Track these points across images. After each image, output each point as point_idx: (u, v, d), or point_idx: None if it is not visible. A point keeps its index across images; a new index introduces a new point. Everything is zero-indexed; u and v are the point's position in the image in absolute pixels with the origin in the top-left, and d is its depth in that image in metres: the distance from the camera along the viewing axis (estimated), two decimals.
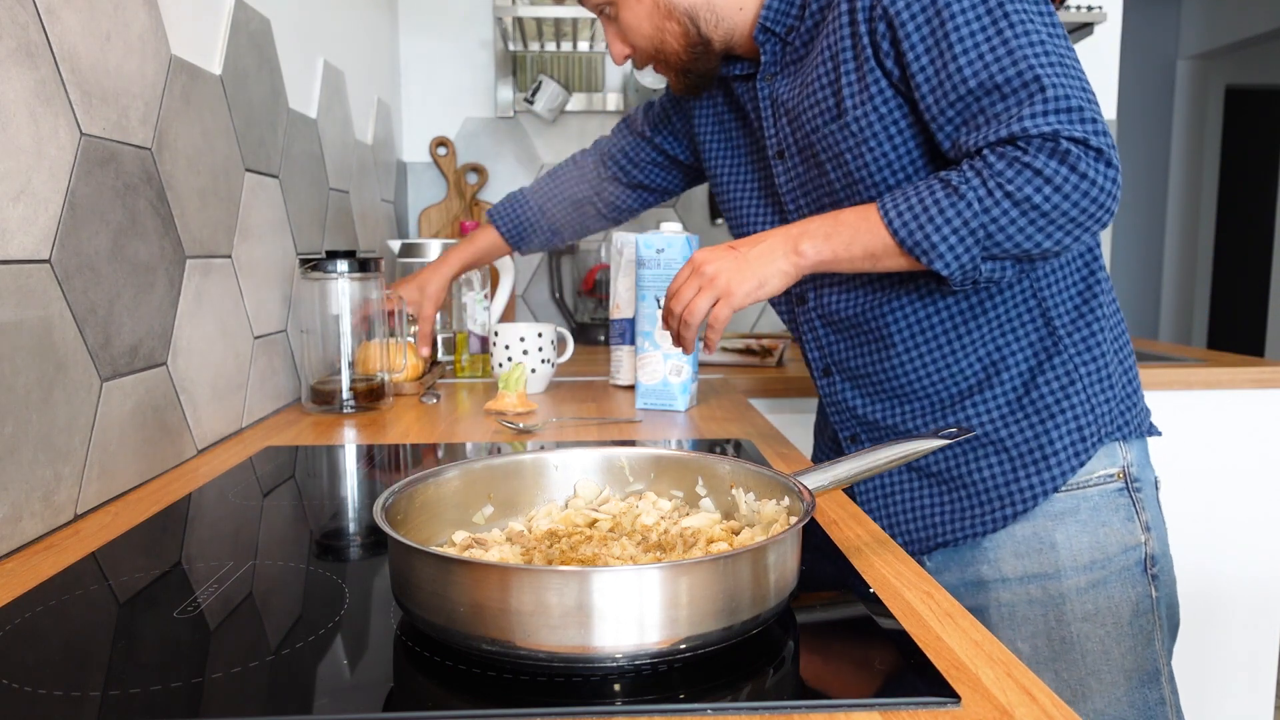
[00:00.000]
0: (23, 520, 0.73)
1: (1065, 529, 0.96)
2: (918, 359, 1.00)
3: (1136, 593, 0.95)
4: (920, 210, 0.86)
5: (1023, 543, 0.97)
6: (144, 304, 0.93)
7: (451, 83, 2.30)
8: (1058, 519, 0.96)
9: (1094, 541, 0.95)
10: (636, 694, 0.49)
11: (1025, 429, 0.96)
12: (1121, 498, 0.96)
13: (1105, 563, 0.95)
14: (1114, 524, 0.95)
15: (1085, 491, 0.96)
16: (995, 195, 0.83)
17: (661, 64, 1.06)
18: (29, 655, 0.54)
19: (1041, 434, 0.96)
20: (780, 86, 1.03)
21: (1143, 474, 0.98)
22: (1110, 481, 0.96)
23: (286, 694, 0.50)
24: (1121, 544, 0.95)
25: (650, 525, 0.67)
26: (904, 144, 0.94)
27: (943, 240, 0.85)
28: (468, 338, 1.63)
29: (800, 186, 1.05)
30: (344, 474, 1.00)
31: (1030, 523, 0.97)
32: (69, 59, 0.79)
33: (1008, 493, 0.97)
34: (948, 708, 0.48)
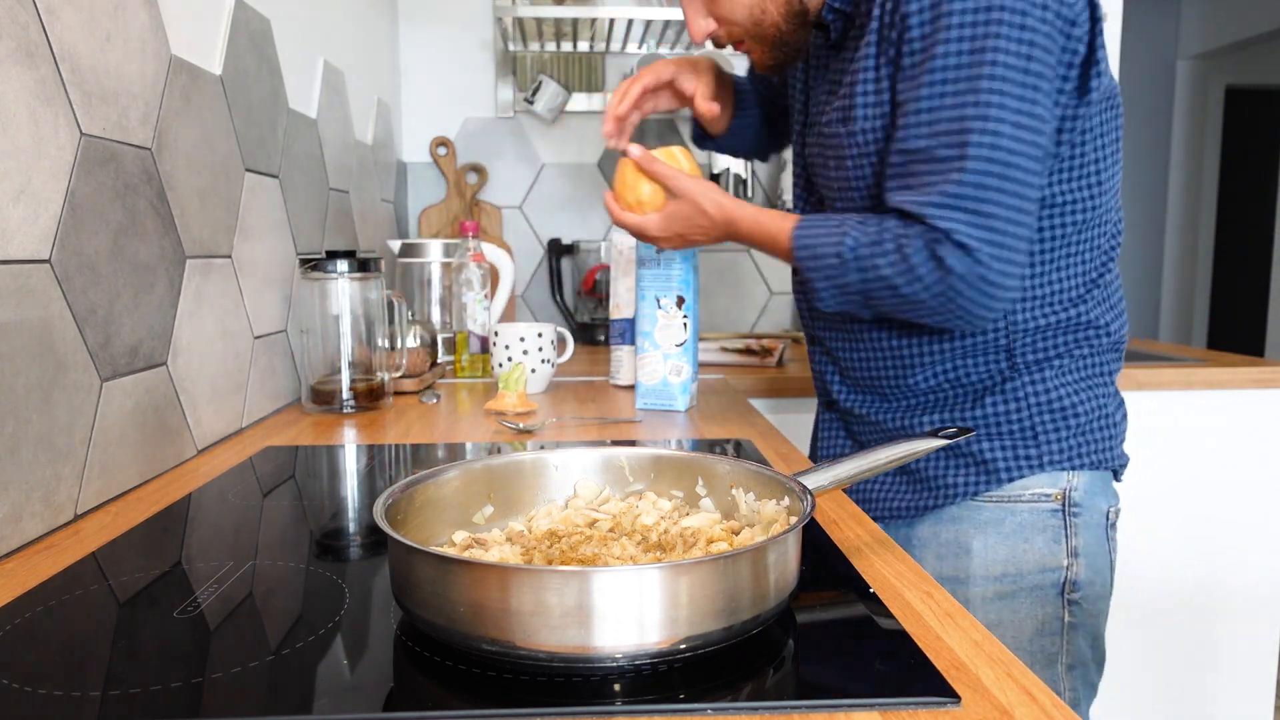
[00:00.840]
0: (23, 520, 0.73)
1: (985, 538, 0.97)
2: (886, 362, 1.03)
3: (1045, 613, 0.96)
4: (812, 256, 0.94)
5: (945, 545, 1.00)
6: (144, 304, 0.93)
7: (451, 83, 2.30)
8: (981, 527, 0.98)
9: (1010, 555, 0.96)
10: (636, 694, 0.49)
11: (970, 439, 0.98)
12: (1053, 519, 0.96)
13: (1017, 578, 0.96)
14: (1036, 543, 0.96)
15: (1014, 506, 0.97)
16: (869, 275, 0.90)
17: (754, 39, 1.01)
18: (29, 655, 0.54)
19: (983, 441, 0.98)
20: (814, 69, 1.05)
21: (1088, 502, 0.97)
22: (1043, 501, 0.96)
23: (286, 694, 0.50)
24: (1039, 564, 0.96)
25: (650, 525, 0.67)
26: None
27: (826, 289, 0.94)
28: (468, 338, 1.63)
29: (811, 166, 1.06)
30: (344, 474, 1.00)
31: (955, 527, 0.99)
32: (69, 59, 0.79)
33: (936, 486, 1.00)
34: (948, 708, 0.48)
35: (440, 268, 1.83)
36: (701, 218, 1.03)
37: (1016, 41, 0.82)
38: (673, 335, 1.30)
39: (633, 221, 1.08)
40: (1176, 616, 1.78)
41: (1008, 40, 0.82)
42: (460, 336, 1.63)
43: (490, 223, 2.31)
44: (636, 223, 1.07)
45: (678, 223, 1.05)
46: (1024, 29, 0.82)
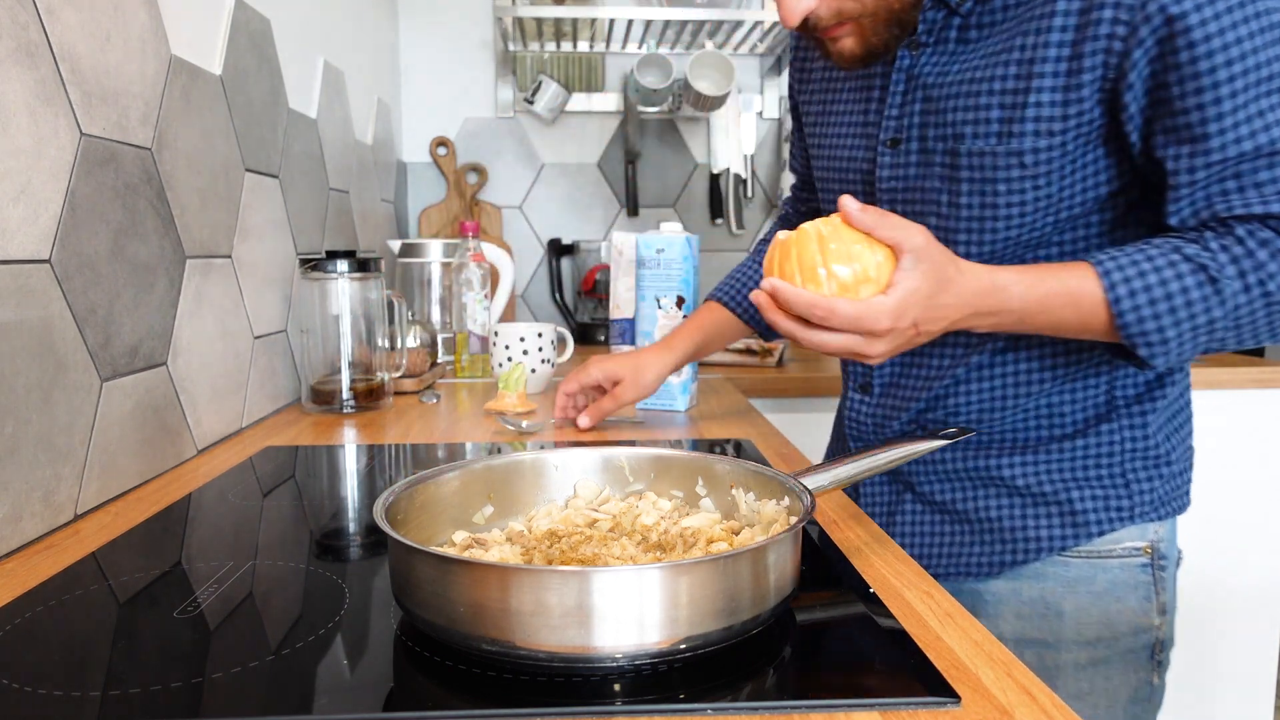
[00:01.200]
0: (23, 520, 0.73)
1: (1076, 598, 0.87)
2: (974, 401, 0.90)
3: (1138, 679, 0.88)
4: (1163, 298, 0.72)
5: (1028, 604, 0.89)
6: (144, 304, 0.93)
7: (451, 83, 2.30)
8: (1070, 586, 0.87)
9: (1104, 617, 0.87)
10: (636, 694, 0.49)
11: (1055, 481, 0.88)
12: (1144, 575, 0.87)
13: (1112, 642, 0.87)
14: (1130, 602, 0.87)
15: (1105, 562, 0.87)
16: (1253, 292, 0.71)
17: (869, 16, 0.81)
18: (29, 655, 0.54)
19: (1072, 489, 0.88)
20: (927, 64, 0.84)
21: (1169, 551, 0.90)
22: (1135, 555, 0.87)
23: (286, 694, 0.50)
24: (1133, 625, 0.87)
25: (650, 525, 0.67)
26: (1081, 191, 0.80)
27: (1177, 336, 0.73)
28: (468, 338, 1.63)
29: (908, 189, 0.87)
30: (344, 474, 1.00)
31: (1039, 584, 0.89)
32: (69, 59, 0.79)
33: (1013, 537, 0.89)
34: (948, 708, 0.48)
35: (440, 268, 1.83)
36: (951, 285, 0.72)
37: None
38: None
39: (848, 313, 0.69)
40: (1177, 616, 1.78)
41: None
42: (460, 336, 1.63)
43: (490, 223, 2.31)
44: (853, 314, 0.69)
45: (917, 304, 0.71)
46: None
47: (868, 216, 0.70)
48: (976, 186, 0.81)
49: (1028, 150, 0.78)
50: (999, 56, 0.79)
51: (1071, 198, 0.80)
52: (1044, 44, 0.76)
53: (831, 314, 0.69)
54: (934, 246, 0.71)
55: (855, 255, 0.70)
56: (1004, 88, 0.78)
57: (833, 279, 0.70)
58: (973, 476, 0.91)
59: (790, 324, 0.72)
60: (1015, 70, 0.77)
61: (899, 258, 0.70)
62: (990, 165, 0.80)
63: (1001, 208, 0.81)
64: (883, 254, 0.71)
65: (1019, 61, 0.77)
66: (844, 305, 0.69)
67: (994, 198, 0.81)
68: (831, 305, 0.69)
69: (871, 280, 0.71)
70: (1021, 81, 0.77)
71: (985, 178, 0.81)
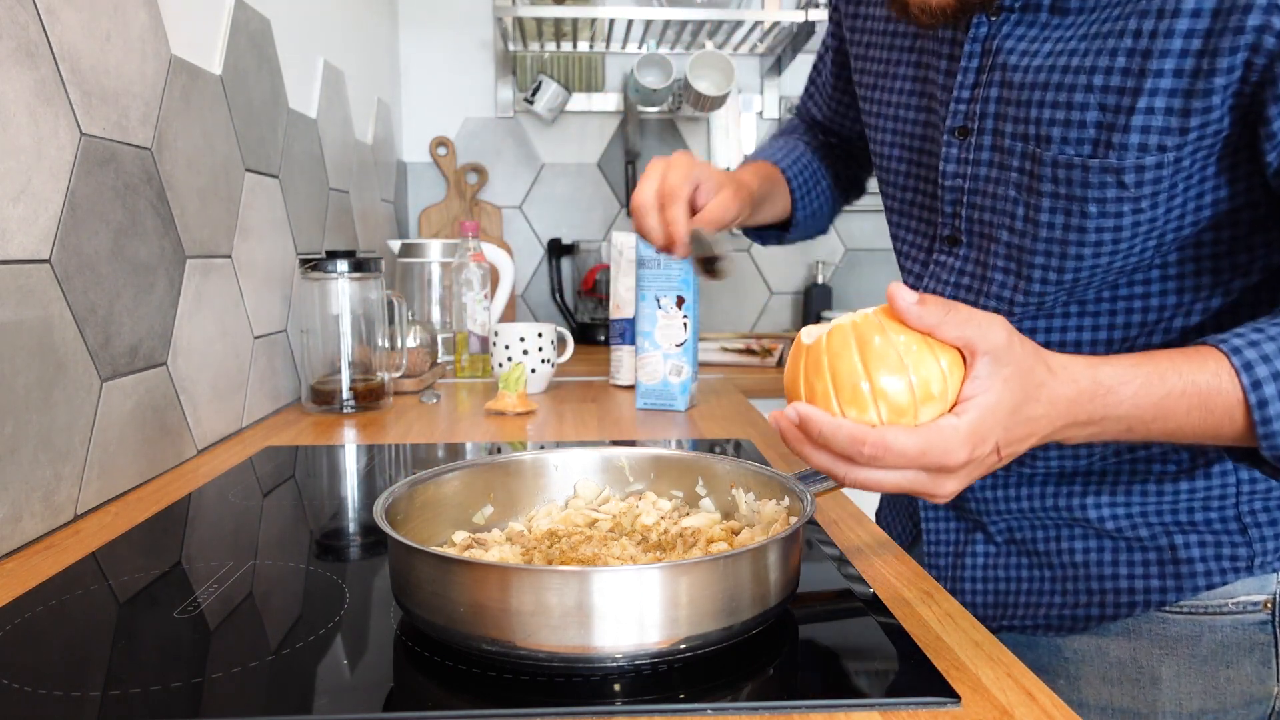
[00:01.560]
0: (23, 520, 0.73)
1: (1176, 662, 0.73)
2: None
3: None
4: None
5: (1116, 666, 0.75)
6: (144, 304, 0.93)
7: (451, 83, 2.30)
8: (1169, 647, 0.73)
9: (1210, 686, 0.73)
10: (636, 694, 0.49)
11: (1154, 525, 0.73)
12: (1262, 634, 0.72)
13: (1219, 715, 0.73)
14: (1243, 667, 0.72)
15: (1214, 619, 0.72)
16: None
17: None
18: (29, 655, 0.54)
19: (1175, 534, 0.73)
20: (1010, 38, 0.68)
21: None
22: (1252, 612, 0.72)
23: (286, 694, 0.50)
24: (1245, 694, 0.72)
25: (650, 525, 0.67)
26: (1194, 211, 0.64)
27: None
28: (468, 338, 1.63)
29: (976, 191, 0.73)
30: (344, 474, 1.00)
31: (1131, 642, 0.74)
32: (69, 59, 0.79)
33: (1102, 587, 0.75)
34: (948, 708, 0.48)
35: (440, 268, 1.82)
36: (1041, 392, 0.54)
37: None
38: (673, 335, 1.30)
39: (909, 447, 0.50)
40: None
41: None
42: (460, 336, 1.63)
43: (490, 223, 2.31)
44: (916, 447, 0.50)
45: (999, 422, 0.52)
46: None
47: (929, 313, 0.52)
48: (1061, 204, 0.66)
49: (1129, 168, 0.62)
50: (1104, 41, 0.62)
51: (1180, 219, 0.64)
52: (1167, 31, 0.59)
53: (885, 450, 0.50)
54: (1017, 343, 0.53)
55: (911, 362, 0.52)
56: (1107, 84, 0.62)
57: (881, 399, 0.52)
58: (1055, 517, 0.77)
59: (828, 459, 0.53)
60: (1124, 62, 0.61)
61: (972, 361, 0.52)
62: (1080, 181, 0.64)
63: (1091, 231, 0.66)
64: (948, 357, 0.53)
65: (1130, 51, 0.60)
66: (901, 438, 0.50)
67: (1082, 219, 0.65)
68: (884, 439, 0.50)
69: (935, 397, 0.52)
70: (1130, 79, 0.61)
71: (1073, 195, 0.65)
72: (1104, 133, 0.63)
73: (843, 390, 0.53)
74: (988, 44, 0.70)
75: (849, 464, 0.53)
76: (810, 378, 0.55)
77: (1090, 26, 0.64)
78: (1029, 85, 0.67)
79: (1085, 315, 0.72)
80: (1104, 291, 0.70)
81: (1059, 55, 0.65)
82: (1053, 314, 0.73)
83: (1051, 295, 0.71)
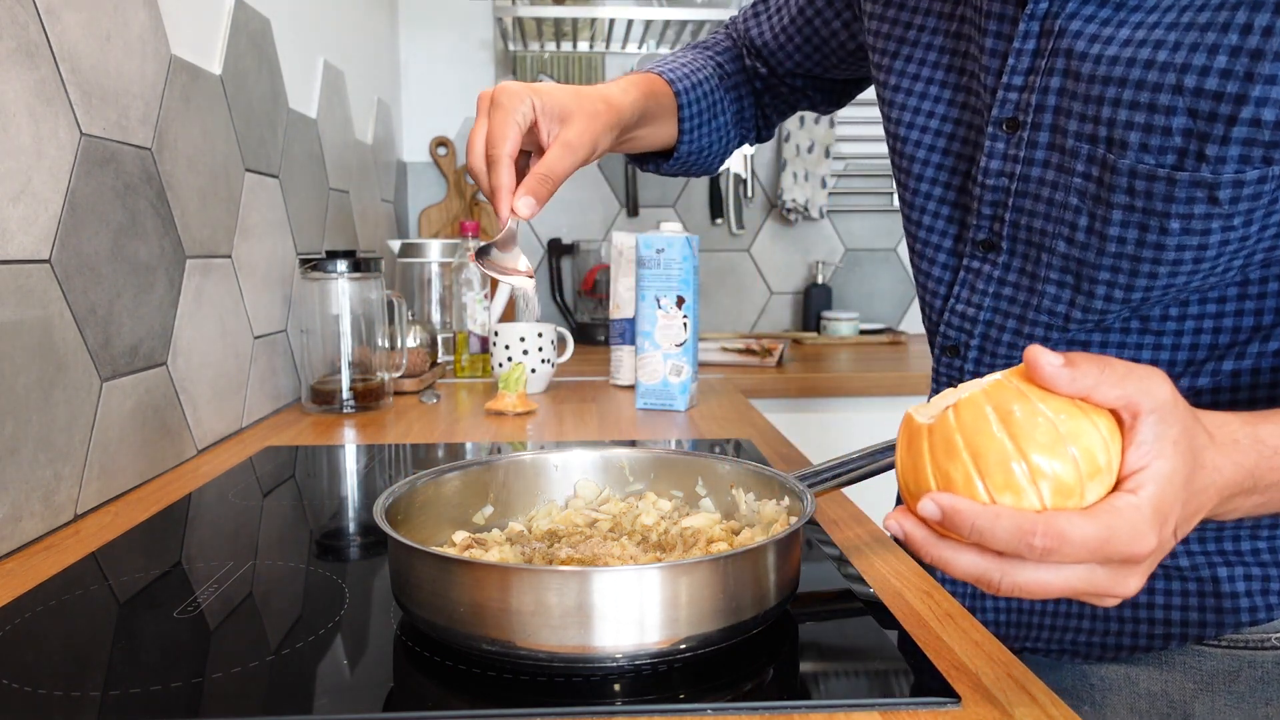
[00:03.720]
0: (23, 520, 0.73)
1: (1212, 700, 0.67)
2: None
3: None
4: None
5: (1146, 698, 0.70)
6: (144, 304, 0.93)
7: (451, 83, 2.30)
8: (1204, 682, 0.67)
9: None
10: (636, 694, 0.49)
11: (1195, 555, 0.68)
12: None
13: None
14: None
15: (1255, 655, 0.66)
16: None
17: None
18: (29, 655, 0.54)
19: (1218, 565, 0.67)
20: (1078, 21, 0.59)
21: None
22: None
23: (286, 694, 0.50)
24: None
25: (650, 525, 0.67)
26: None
27: None
28: (468, 338, 1.63)
29: (1024, 194, 0.64)
30: (344, 474, 1.00)
31: (1163, 674, 0.69)
32: (69, 59, 0.79)
33: (1135, 615, 0.69)
34: (948, 708, 0.48)
35: (440, 268, 1.83)
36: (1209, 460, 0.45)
37: None
38: (673, 335, 1.30)
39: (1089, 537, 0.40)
40: None
41: None
42: (460, 336, 1.64)
43: (490, 223, 2.31)
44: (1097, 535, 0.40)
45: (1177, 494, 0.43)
46: None
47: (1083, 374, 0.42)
48: (1137, 217, 0.57)
49: (1226, 184, 0.53)
50: (1201, 35, 0.53)
51: (1277, 236, 0.56)
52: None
53: (1062, 541, 0.40)
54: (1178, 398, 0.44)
55: (1069, 433, 0.42)
56: (1201, 86, 0.52)
57: (1042, 479, 0.42)
58: None
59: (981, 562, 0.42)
60: (1225, 62, 0.51)
61: (1134, 424, 0.43)
62: (1163, 195, 0.55)
63: (1170, 250, 0.57)
64: (1105, 422, 0.43)
65: (1235, 50, 0.51)
66: (1079, 523, 0.40)
67: (1161, 236, 0.57)
68: (1059, 528, 0.40)
69: (1101, 470, 0.42)
70: (1233, 83, 0.51)
71: (1152, 209, 0.56)
72: (1195, 142, 0.53)
73: (991, 474, 0.42)
74: (1048, 24, 0.60)
75: (1013, 563, 0.42)
76: (942, 463, 0.43)
77: (1181, 14, 0.54)
78: (1101, 79, 0.57)
79: (1148, 333, 0.64)
80: (1171, 309, 0.62)
81: (1140, 46, 0.55)
82: (1110, 328, 0.65)
83: (1115, 313, 0.62)
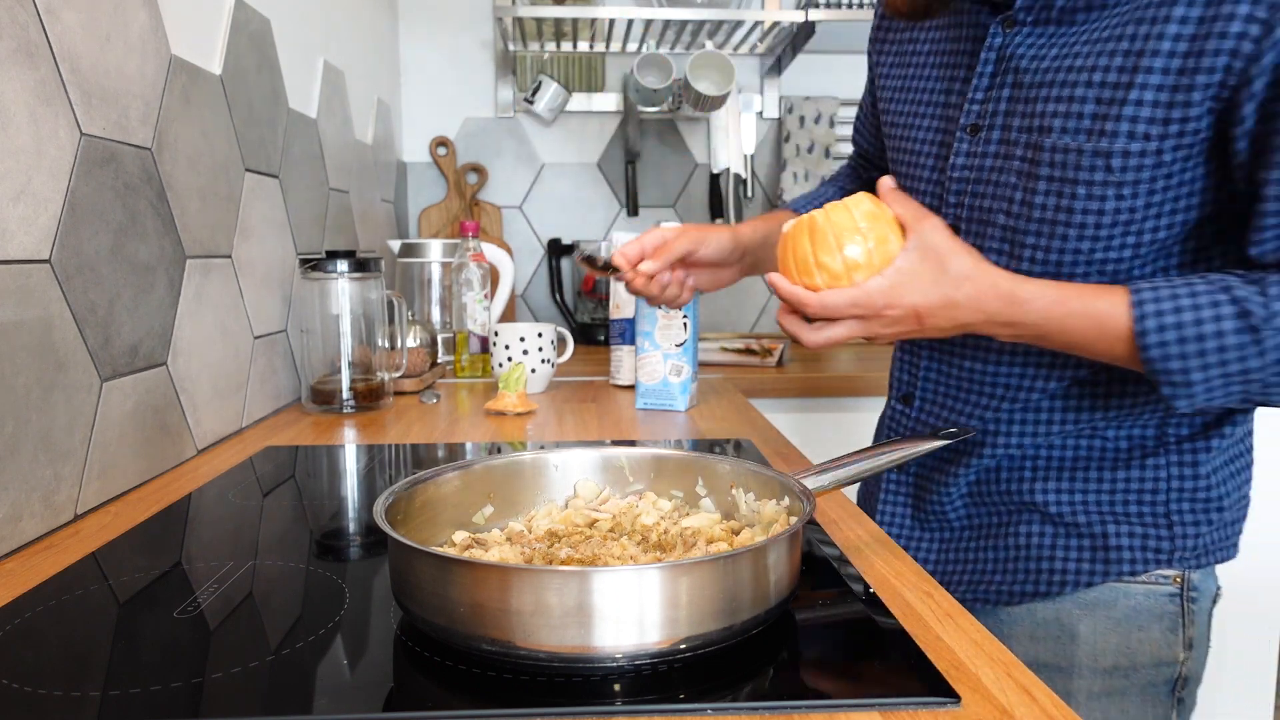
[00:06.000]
0: (23, 520, 0.73)
1: (1093, 621, 0.82)
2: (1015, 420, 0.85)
3: (1155, 715, 0.82)
4: (1194, 338, 0.68)
5: (1042, 625, 0.84)
6: (144, 304, 0.93)
7: (451, 83, 2.30)
8: (1088, 608, 0.82)
9: (1122, 644, 0.81)
10: (636, 694, 0.49)
11: (1091, 512, 0.83)
12: (1171, 605, 0.81)
13: (1129, 672, 0.82)
14: (1153, 631, 0.81)
15: (1129, 586, 0.81)
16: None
17: None
18: (29, 655, 0.54)
19: (1109, 523, 0.82)
20: (1022, 45, 0.78)
21: (1203, 584, 0.83)
22: (1163, 584, 0.81)
23: (286, 694, 0.50)
24: (1154, 656, 0.81)
25: (650, 525, 0.67)
26: (1169, 213, 0.73)
27: (1204, 381, 0.69)
28: (468, 338, 1.63)
29: (980, 180, 0.81)
30: (344, 474, 1.00)
31: (1055, 605, 0.83)
32: (69, 59, 0.79)
33: (1038, 568, 0.84)
34: (948, 708, 0.48)
35: (440, 268, 1.83)
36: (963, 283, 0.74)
37: None
38: (673, 335, 1.30)
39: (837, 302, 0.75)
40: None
41: None
42: (460, 336, 1.64)
43: (490, 223, 2.31)
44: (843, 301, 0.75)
45: (916, 288, 0.74)
46: None
47: (893, 196, 0.76)
48: (1055, 186, 0.75)
49: (1117, 153, 0.71)
50: (1104, 45, 0.72)
51: (1157, 218, 0.73)
52: (1158, 35, 0.68)
53: (822, 307, 0.75)
54: (944, 235, 0.74)
55: (845, 244, 0.74)
56: (1104, 80, 0.71)
57: (822, 270, 0.75)
58: (1008, 502, 0.86)
59: (792, 322, 0.78)
60: (1120, 62, 0.70)
61: (906, 238, 0.74)
62: (1074, 164, 0.73)
63: (1078, 213, 0.74)
64: (874, 240, 0.74)
65: (1125, 53, 0.70)
66: (835, 295, 0.75)
67: (1071, 200, 0.74)
68: (820, 300, 0.75)
69: (862, 266, 0.73)
70: (1125, 75, 0.70)
71: (1066, 177, 0.74)
72: (1098, 122, 0.72)
73: (799, 266, 0.76)
74: (1002, 52, 0.80)
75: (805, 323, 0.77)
76: (781, 258, 0.77)
77: (1094, 31, 0.73)
78: (1036, 84, 0.76)
79: None
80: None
81: (1064, 59, 0.75)
82: None
83: (1039, 274, 0.78)
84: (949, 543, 0.91)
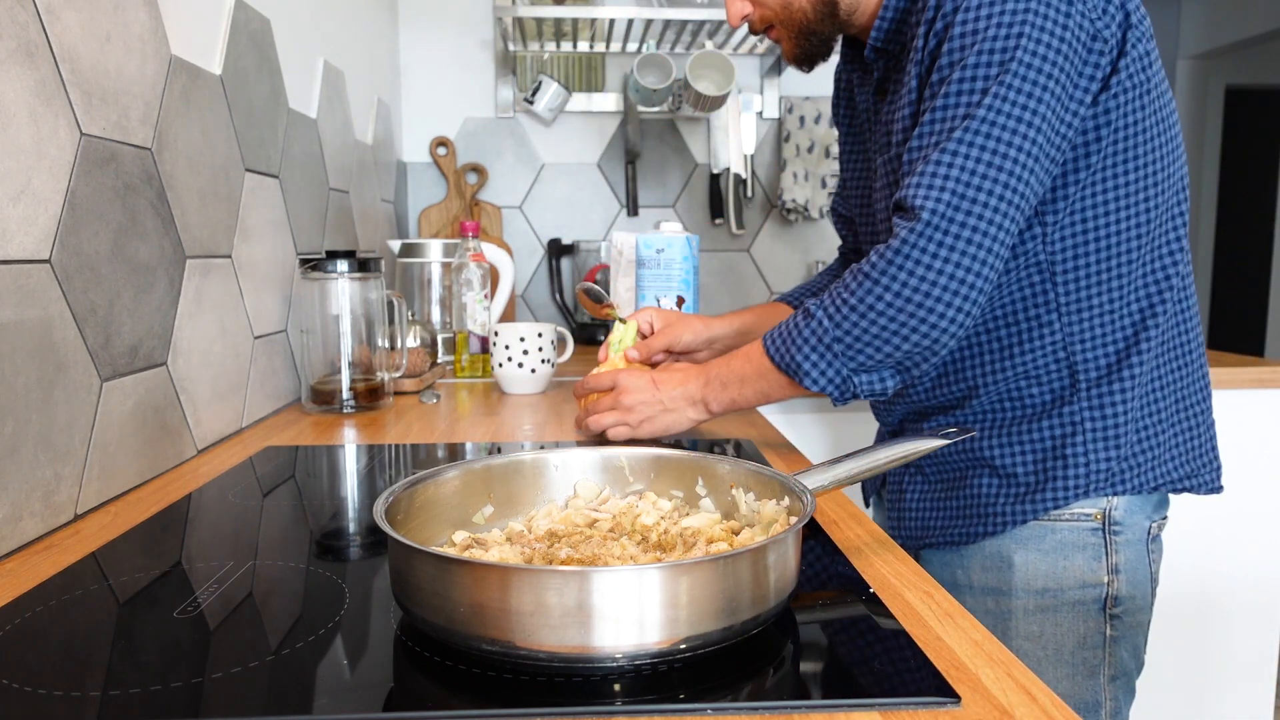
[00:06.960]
0: (23, 520, 0.73)
1: (1025, 553, 0.97)
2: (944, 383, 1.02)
3: (1086, 628, 0.97)
4: (780, 335, 0.95)
5: (989, 557, 1.00)
6: (144, 304, 0.93)
7: (451, 83, 2.30)
8: (1021, 542, 0.98)
9: (1050, 571, 0.97)
10: (636, 694, 0.49)
11: (1025, 462, 0.98)
12: (1093, 538, 0.96)
13: (1058, 593, 0.96)
14: (1076, 560, 0.96)
15: (1054, 524, 0.96)
16: (841, 310, 0.89)
17: (783, 25, 1.03)
18: (29, 655, 0.54)
19: (1036, 471, 0.97)
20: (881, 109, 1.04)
21: (1129, 520, 0.96)
22: (1083, 520, 0.96)
23: (286, 694, 0.50)
24: (1079, 580, 0.96)
25: (650, 525, 0.67)
26: None
27: (805, 359, 0.92)
28: (468, 338, 1.63)
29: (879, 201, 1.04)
30: (344, 474, 1.00)
31: (997, 541, 1.00)
32: (69, 59, 0.79)
33: (986, 512, 1.00)
34: (948, 708, 0.48)
35: (440, 268, 1.82)
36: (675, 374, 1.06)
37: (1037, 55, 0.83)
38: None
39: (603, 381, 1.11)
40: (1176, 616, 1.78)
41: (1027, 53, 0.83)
42: (460, 336, 1.63)
43: (490, 223, 2.31)
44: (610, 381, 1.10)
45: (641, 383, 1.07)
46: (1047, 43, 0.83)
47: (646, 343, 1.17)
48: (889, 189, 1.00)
49: (894, 156, 0.97)
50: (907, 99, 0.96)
51: None
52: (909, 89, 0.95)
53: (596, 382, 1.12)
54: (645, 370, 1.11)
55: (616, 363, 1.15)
56: (911, 117, 0.95)
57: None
58: (967, 459, 1.02)
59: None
60: (913, 109, 0.95)
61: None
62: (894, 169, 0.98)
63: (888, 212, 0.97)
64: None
65: (913, 101, 0.95)
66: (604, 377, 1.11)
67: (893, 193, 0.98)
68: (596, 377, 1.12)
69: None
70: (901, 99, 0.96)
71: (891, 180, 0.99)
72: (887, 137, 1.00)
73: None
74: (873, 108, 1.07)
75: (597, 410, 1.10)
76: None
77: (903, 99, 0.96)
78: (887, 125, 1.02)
79: None
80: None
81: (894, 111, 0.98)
82: None
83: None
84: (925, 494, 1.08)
